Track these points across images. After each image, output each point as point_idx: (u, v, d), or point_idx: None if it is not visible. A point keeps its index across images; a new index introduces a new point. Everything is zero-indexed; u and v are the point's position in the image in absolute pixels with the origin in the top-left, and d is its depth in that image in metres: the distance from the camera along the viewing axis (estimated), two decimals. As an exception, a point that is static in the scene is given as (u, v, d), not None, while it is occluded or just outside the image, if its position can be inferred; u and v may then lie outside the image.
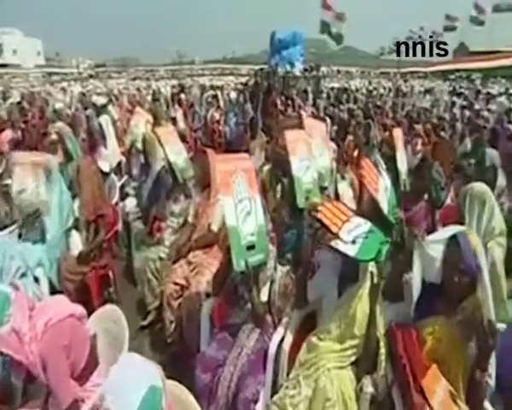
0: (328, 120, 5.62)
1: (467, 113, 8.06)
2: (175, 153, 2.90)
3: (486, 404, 1.30)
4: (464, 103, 9.89)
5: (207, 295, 2.22)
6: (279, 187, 3.05)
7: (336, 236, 1.28)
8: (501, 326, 1.42)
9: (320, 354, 1.50)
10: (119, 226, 3.28)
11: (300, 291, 1.66)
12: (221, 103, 8.74)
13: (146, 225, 3.15)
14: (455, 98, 10.80)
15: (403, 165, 2.68)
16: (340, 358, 1.48)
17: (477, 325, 1.23)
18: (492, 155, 2.69)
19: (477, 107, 9.51)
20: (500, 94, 11.23)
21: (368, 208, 1.65)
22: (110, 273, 2.81)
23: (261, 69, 12.25)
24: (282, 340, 1.63)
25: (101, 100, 6.84)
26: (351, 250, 1.26)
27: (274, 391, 1.56)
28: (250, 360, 1.65)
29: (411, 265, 1.35)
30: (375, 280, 1.32)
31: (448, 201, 2.36)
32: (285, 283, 1.76)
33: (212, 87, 11.55)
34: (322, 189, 2.42)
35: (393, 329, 1.36)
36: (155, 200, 3.17)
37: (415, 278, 1.31)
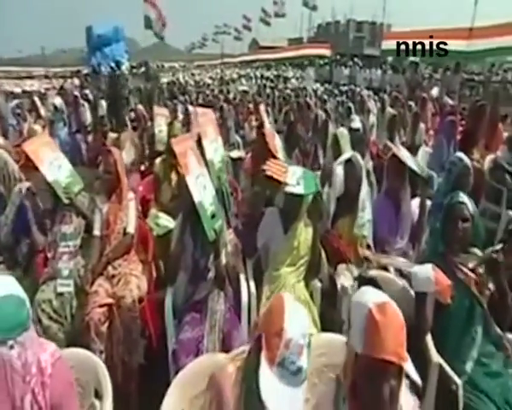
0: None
1: (276, 92, 10.28)
2: (55, 168, 2.42)
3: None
4: (272, 85, 12.47)
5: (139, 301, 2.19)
6: (173, 176, 3.16)
7: (285, 183, 1.68)
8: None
9: (282, 279, 1.90)
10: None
11: (250, 243, 1.98)
12: (42, 112, 7.24)
13: (13, 269, 2.52)
14: (264, 81, 13.28)
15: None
16: (296, 274, 1.93)
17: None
18: (323, 116, 3.84)
19: (280, 87, 12.28)
20: (291, 77, 14.68)
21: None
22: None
23: (78, 71, 10.68)
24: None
25: None
26: (299, 189, 1.69)
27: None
28: (227, 320, 1.83)
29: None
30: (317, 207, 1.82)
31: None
32: (235, 243, 2.02)
33: (14, 94, 9.22)
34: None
35: (326, 236, 1.93)
36: (25, 231, 2.58)
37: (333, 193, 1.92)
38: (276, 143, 2.34)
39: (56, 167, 2.48)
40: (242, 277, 1.98)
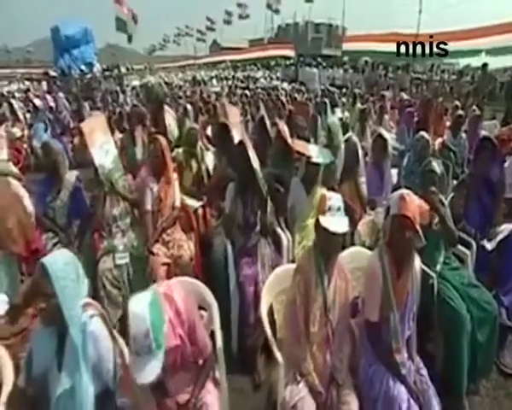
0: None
1: (247, 92, 10.97)
2: (103, 153, 2.77)
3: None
4: (243, 85, 13.18)
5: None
6: (194, 163, 3.73)
7: (309, 156, 2.38)
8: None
9: (308, 227, 2.58)
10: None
11: (284, 204, 2.66)
12: (20, 115, 7.16)
13: (68, 248, 2.89)
14: (235, 82, 13.93)
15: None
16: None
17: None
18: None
19: (251, 86, 13.02)
20: (260, 77, 15.52)
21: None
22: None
23: (45, 73, 10.38)
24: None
25: None
26: (321, 160, 2.40)
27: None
28: (273, 259, 2.46)
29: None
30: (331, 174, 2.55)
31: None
32: (271, 205, 2.67)
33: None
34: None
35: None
36: (77, 214, 2.94)
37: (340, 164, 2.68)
38: (286, 130, 3.05)
39: (104, 152, 2.81)
40: (279, 229, 2.65)
